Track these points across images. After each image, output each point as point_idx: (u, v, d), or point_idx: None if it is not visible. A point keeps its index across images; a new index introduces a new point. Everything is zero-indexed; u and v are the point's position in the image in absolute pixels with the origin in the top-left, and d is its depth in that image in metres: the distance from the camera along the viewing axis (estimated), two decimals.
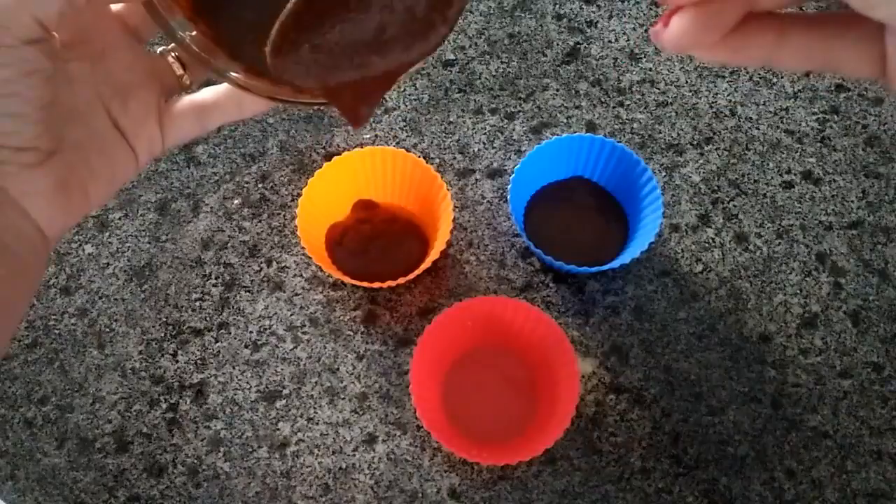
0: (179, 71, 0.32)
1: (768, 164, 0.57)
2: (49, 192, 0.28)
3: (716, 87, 0.60)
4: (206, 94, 0.32)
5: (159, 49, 0.33)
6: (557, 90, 0.59)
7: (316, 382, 0.50)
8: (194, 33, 0.29)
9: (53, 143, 0.28)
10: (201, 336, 0.51)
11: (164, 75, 0.32)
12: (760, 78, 0.60)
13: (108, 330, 0.52)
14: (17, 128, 0.27)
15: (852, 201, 0.56)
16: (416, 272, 0.49)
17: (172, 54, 0.33)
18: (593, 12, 0.63)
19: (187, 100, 0.32)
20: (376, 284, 0.49)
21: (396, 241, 0.53)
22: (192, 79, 0.33)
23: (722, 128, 0.58)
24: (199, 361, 0.51)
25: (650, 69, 0.60)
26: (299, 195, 0.51)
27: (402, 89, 0.60)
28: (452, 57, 0.61)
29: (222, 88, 0.32)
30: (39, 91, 0.26)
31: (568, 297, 0.52)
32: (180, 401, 0.50)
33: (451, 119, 0.58)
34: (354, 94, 0.29)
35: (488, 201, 0.55)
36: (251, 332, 0.51)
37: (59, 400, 0.50)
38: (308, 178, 0.51)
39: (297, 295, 0.52)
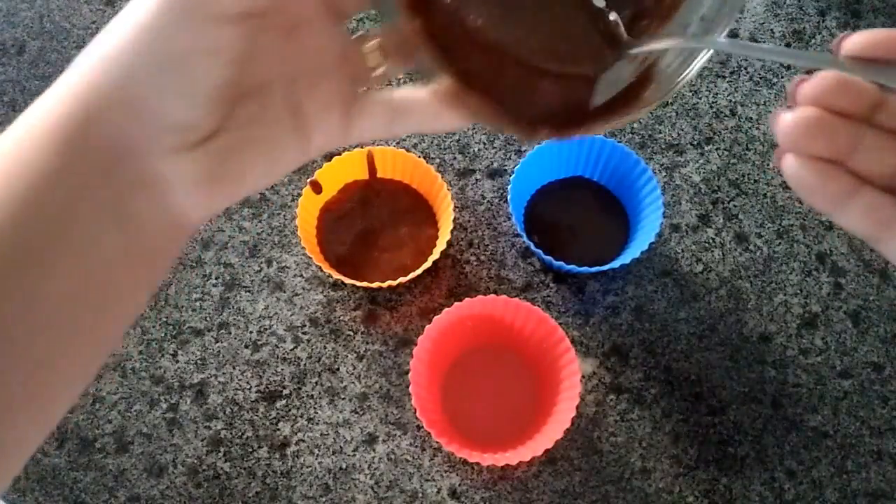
0: (379, 61, 0.27)
1: (768, 164, 0.57)
2: (199, 177, 0.25)
3: (716, 87, 0.60)
4: (405, 93, 0.27)
5: (358, 33, 0.27)
6: None
7: (316, 382, 0.50)
8: (412, 24, 0.25)
9: (217, 122, 0.24)
10: (201, 336, 0.51)
11: (357, 63, 0.27)
12: (761, 78, 0.60)
13: None
14: (181, 109, 0.23)
15: None
16: (416, 272, 0.49)
17: (376, 40, 0.27)
18: None
19: (384, 96, 0.27)
20: (376, 284, 0.49)
21: (400, 221, 0.53)
22: (391, 74, 0.27)
23: (722, 128, 0.58)
24: (199, 361, 0.51)
25: None
26: (299, 195, 0.51)
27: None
28: None
29: (424, 91, 0.27)
30: (221, 72, 0.23)
31: (568, 297, 0.52)
32: (180, 401, 0.50)
33: None
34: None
35: (488, 201, 0.55)
36: (251, 332, 0.51)
37: None
38: (308, 179, 0.51)
39: (297, 295, 0.52)
